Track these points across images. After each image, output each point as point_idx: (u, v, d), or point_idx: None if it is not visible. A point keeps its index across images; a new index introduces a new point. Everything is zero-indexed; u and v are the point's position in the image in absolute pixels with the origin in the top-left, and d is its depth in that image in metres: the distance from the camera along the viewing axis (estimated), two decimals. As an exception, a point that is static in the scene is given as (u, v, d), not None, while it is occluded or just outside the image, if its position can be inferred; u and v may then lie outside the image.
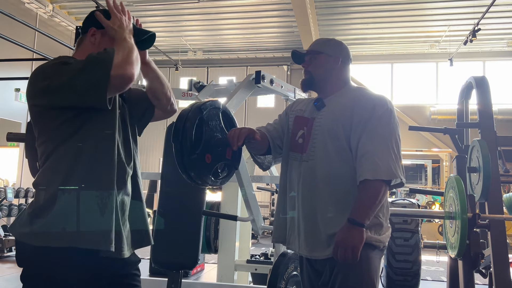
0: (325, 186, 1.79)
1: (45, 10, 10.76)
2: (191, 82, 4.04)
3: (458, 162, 3.29)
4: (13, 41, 5.61)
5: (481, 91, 3.04)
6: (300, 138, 1.91)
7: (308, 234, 1.82)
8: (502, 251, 2.66)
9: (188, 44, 12.84)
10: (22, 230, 1.48)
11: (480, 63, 12.53)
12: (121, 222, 1.54)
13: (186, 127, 1.76)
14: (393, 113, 1.81)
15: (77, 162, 1.47)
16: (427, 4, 10.02)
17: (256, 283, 4.26)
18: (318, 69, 1.92)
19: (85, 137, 1.48)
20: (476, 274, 2.94)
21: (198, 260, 2.81)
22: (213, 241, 4.25)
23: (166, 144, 2.94)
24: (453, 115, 4.03)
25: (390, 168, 1.71)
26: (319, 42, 2.00)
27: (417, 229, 4.44)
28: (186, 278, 5.25)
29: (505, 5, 9.58)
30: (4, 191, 7.52)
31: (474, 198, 2.93)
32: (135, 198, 1.64)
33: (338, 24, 11.20)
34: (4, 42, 5.83)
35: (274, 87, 3.23)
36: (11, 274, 5.58)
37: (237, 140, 1.77)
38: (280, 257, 2.84)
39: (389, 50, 12.67)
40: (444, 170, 12.49)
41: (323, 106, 1.89)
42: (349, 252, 1.67)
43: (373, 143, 1.74)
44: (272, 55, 13.21)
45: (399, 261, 4.36)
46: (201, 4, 10.04)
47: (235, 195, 3.99)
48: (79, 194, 1.46)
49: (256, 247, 8.25)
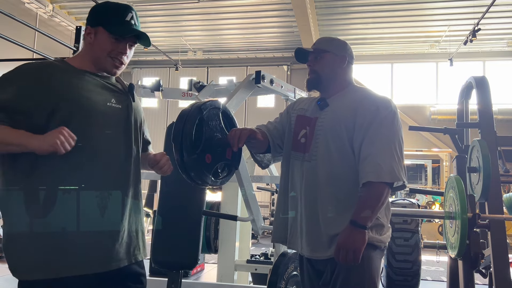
0: (327, 187, 1.79)
1: (45, 10, 10.75)
2: (191, 82, 4.04)
3: (458, 162, 3.29)
4: (13, 41, 5.60)
5: (481, 91, 3.04)
6: (302, 138, 1.90)
7: (310, 234, 1.82)
8: (502, 251, 2.66)
9: (188, 44, 12.83)
10: None
11: (480, 63, 12.52)
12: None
13: (186, 127, 1.76)
14: (396, 115, 1.80)
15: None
16: (427, 4, 10.01)
17: (256, 283, 4.26)
18: (325, 68, 1.89)
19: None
20: (476, 274, 2.94)
21: (198, 260, 2.81)
22: (213, 241, 4.25)
23: (166, 144, 2.94)
24: (453, 115, 4.03)
25: (393, 171, 1.70)
26: (324, 41, 1.97)
27: (417, 229, 4.43)
28: (186, 278, 5.25)
29: (505, 5, 9.58)
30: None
31: (474, 198, 2.93)
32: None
33: (338, 24, 11.19)
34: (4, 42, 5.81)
35: (274, 87, 3.23)
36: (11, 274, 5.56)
37: (238, 141, 1.76)
38: (280, 257, 2.84)
39: (389, 50, 12.66)
40: (444, 170, 12.49)
41: (326, 105, 1.88)
42: (351, 254, 1.66)
43: (376, 145, 1.73)
44: (272, 55, 13.21)
45: (399, 261, 4.36)
46: (201, 4, 10.04)
47: (235, 195, 3.99)
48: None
49: (256, 247, 8.24)
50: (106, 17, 1.56)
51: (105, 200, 1.50)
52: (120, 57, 1.58)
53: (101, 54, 1.55)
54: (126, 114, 1.61)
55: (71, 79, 1.50)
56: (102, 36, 1.54)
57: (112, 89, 1.60)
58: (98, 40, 1.55)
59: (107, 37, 1.54)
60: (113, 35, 1.54)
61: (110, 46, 1.55)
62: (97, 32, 1.55)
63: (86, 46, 1.58)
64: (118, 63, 1.58)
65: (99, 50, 1.55)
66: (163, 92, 4.11)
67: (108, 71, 1.58)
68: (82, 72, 1.54)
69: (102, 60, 1.55)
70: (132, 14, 1.59)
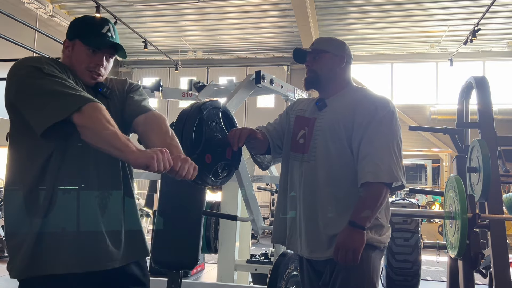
0: (326, 187, 1.79)
1: (45, 10, 10.75)
2: (191, 82, 4.04)
3: (458, 162, 3.29)
4: (13, 41, 5.60)
5: (481, 91, 3.04)
6: (301, 138, 1.90)
7: (309, 235, 1.82)
8: (502, 251, 2.66)
9: (188, 44, 12.84)
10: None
11: (480, 63, 12.52)
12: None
13: (186, 127, 1.76)
14: (395, 115, 1.80)
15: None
16: (427, 4, 10.01)
17: (256, 283, 4.26)
18: (324, 68, 1.89)
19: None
20: (476, 274, 2.94)
21: (198, 260, 2.81)
22: (213, 241, 4.25)
23: (166, 144, 2.93)
24: (453, 115, 4.03)
25: (392, 171, 1.70)
26: (322, 41, 1.98)
27: (417, 229, 4.44)
28: (186, 278, 5.25)
29: (505, 5, 9.58)
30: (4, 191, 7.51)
31: (474, 198, 2.93)
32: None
33: (338, 24, 11.19)
34: (4, 42, 5.82)
35: (274, 87, 3.23)
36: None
37: (238, 140, 1.76)
38: (280, 257, 2.84)
39: (389, 50, 12.66)
40: (444, 170, 12.50)
41: (324, 106, 1.88)
42: (350, 254, 1.66)
43: (374, 145, 1.73)
44: (272, 55, 13.21)
45: (399, 261, 4.36)
46: (201, 4, 10.04)
47: (235, 195, 3.98)
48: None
49: (256, 247, 8.25)
50: (82, 30, 1.58)
51: (99, 200, 1.50)
52: (98, 69, 1.58)
53: (79, 67, 1.56)
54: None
55: (76, 80, 1.53)
56: (79, 49, 1.56)
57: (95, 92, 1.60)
58: (75, 53, 1.57)
59: (84, 50, 1.56)
60: (90, 47, 1.56)
61: (87, 58, 1.56)
62: (75, 45, 1.57)
63: (64, 60, 1.60)
64: (96, 75, 1.58)
65: (77, 63, 1.56)
66: (163, 92, 4.11)
67: (86, 83, 1.59)
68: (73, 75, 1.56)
69: (80, 73, 1.57)
70: (108, 26, 1.60)
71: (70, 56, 1.58)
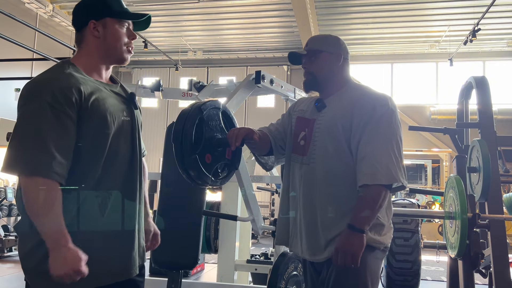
0: (325, 189, 1.76)
1: (45, 10, 10.75)
2: (191, 82, 4.04)
3: (458, 162, 3.29)
4: (13, 41, 5.60)
5: (481, 91, 3.05)
6: (302, 140, 1.87)
7: (309, 237, 1.80)
8: (502, 251, 2.67)
9: (188, 44, 12.83)
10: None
11: (480, 63, 12.52)
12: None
13: (186, 127, 1.76)
14: (394, 113, 1.74)
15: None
16: (427, 4, 10.01)
17: (256, 283, 4.26)
18: (321, 69, 1.85)
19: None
20: (476, 274, 2.94)
21: (198, 260, 2.81)
22: (213, 241, 4.25)
23: (166, 144, 2.94)
24: (453, 115, 4.03)
25: (390, 172, 1.66)
26: (316, 40, 1.92)
27: (417, 229, 4.44)
28: (186, 278, 5.25)
29: (505, 5, 9.58)
30: (4, 191, 7.52)
31: (474, 198, 2.93)
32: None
33: (338, 24, 11.19)
34: (4, 42, 5.82)
35: (274, 87, 3.23)
36: (11, 274, 5.57)
37: (235, 140, 1.74)
38: (280, 257, 2.84)
39: (389, 50, 12.66)
40: (444, 170, 12.49)
41: (323, 107, 1.84)
42: (349, 258, 1.64)
43: (372, 145, 1.68)
44: (272, 55, 13.21)
45: (399, 261, 4.36)
46: (201, 4, 10.04)
47: (235, 195, 3.98)
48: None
49: (256, 247, 8.25)
50: (108, 8, 1.51)
51: (123, 210, 1.49)
52: (131, 44, 1.55)
53: (118, 44, 1.51)
54: (134, 126, 1.57)
55: (97, 96, 1.43)
56: (113, 26, 1.50)
57: (122, 100, 1.55)
58: (109, 31, 1.49)
59: (118, 26, 1.51)
60: (124, 21, 1.52)
61: (124, 34, 1.52)
62: (106, 23, 1.50)
63: (92, 43, 1.49)
64: (131, 49, 1.56)
65: (114, 40, 1.50)
66: (163, 92, 4.12)
67: (123, 60, 1.55)
68: (96, 83, 1.48)
69: (119, 50, 1.52)
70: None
71: (102, 37, 1.49)
